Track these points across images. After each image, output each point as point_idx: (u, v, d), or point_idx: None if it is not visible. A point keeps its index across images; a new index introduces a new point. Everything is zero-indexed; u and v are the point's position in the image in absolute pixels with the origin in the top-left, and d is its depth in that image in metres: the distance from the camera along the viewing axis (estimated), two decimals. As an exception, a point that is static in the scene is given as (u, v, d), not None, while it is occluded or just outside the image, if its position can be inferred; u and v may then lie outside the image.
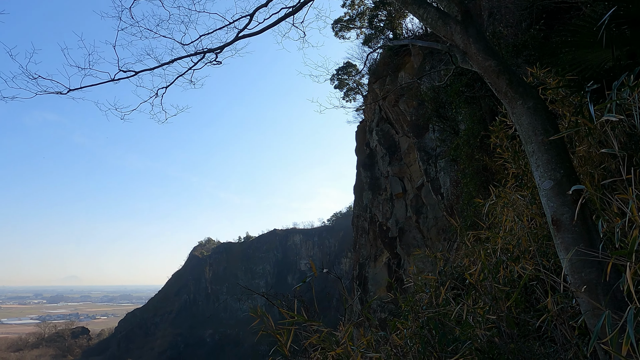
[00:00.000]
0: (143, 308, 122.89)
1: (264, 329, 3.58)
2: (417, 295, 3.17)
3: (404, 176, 29.54)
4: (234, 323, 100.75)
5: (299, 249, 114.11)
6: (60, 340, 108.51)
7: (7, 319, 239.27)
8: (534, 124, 2.83)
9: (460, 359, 2.26)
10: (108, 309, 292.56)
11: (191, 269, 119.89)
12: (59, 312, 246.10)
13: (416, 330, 2.77)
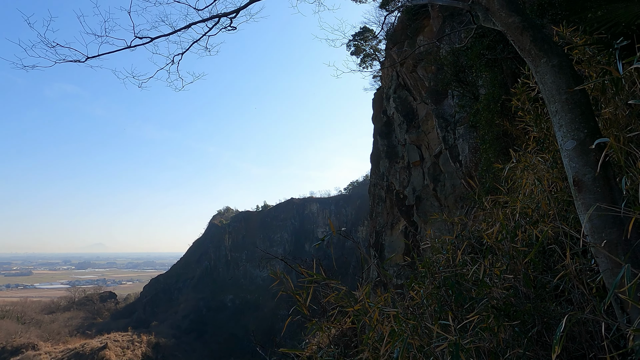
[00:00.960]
0: (166, 274, 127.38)
1: (283, 290, 3.68)
2: (434, 257, 3.20)
3: (422, 144, 29.16)
4: (253, 289, 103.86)
5: (316, 218, 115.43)
6: (90, 304, 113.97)
7: (39, 283, 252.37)
8: (558, 82, 2.74)
9: (476, 317, 2.30)
10: (133, 275, 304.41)
11: (211, 237, 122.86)
12: (87, 278, 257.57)
13: (432, 290, 2.82)
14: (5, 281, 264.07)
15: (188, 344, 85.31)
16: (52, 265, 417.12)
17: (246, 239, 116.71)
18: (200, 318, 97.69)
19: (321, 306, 3.70)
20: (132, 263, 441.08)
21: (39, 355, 62.66)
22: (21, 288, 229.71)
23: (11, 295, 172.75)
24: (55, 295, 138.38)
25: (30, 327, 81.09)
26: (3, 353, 64.63)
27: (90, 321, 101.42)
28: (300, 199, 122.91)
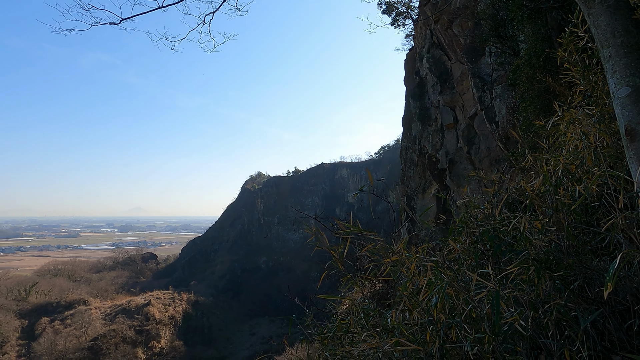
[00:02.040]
0: (202, 237, 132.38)
1: (318, 246, 3.73)
2: (471, 212, 3.14)
3: (456, 105, 28.19)
4: (285, 251, 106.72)
5: (346, 182, 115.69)
6: (133, 264, 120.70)
7: (86, 244, 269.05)
8: (613, 24, 2.53)
9: (515, 268, 2.27)
10: (171, 237, 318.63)
11: (244, 202, 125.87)
12: (129, 240, 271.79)
13: (469, 245, 2.79)
14: (55, 242, 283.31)
15: (225, 302, 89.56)
16: (97, 227, 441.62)
17: (278, 204, 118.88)
18: (236, 278, 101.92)
19: (356, 261, 3.75)
20: (170, 226, 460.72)
21: (90, 310, 67.60)
22: (70, 249, 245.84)
23: (61, 255, 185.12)
24: (101, 255, 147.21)
25: (81, 285, 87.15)
26: (58, 307, 70.10)
27: (134, 280, 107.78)
28: (331, 164, 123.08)
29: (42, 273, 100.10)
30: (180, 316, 69.33)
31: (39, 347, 54.74)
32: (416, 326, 2.33)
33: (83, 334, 56.86)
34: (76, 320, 63.12)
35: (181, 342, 64.18)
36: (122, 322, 61.12)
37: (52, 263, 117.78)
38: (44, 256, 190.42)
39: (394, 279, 2.87)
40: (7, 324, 62.73)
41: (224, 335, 74.40)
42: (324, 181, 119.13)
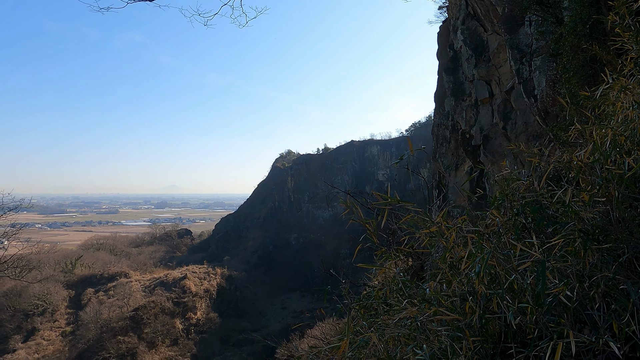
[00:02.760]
0: (235, 214, 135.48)
1: (353, 219, 3.73)
2: (511, 185, 3.04)
3: (492, 79, 27.11)
4: (315, 228, 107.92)
5: (376, 160, 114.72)
6: (169, 239, 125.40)
7: (125, 220, 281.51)
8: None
9: (561, 240, 2.20)
10: (205, 214, 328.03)
11: (275, 179, 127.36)
12: (165, 216, 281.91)
13: (510, 218, 2.71)
14: (97, 218, 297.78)
15: (257, 277, 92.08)
16: (135, 204, 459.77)
17: (308, 181, 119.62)
18: (267, 254, 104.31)
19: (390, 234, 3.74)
20: (204, 203, 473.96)
21: (130, 282, 71.16)
22: (110, 224, 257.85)
23: (103, 230, 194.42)
24: (139, 231, 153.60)
25: (121, 258, 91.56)
26: (101, 279, 74.16)
27: (170, 254, 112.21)
28: (360, 142, 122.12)
29: (86, 247, 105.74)
30: (214, 289, 71.92)
31: (85, 316, 58.35)
32: (455, 297, 2.32)
33: (125, 304, 60.07)
34: (118, 291, 66.67)
35: (216, 314, 66.77)
36: (160, 294, 64.08)
37: (94, 238, 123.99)
38: (87, 231, 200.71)
39: (431, 251, 2.84)
40: (57, 293, 67.04)
41: (257, 309, 76.81)
42: (354, 159, 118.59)
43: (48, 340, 57.92)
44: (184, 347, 58.20)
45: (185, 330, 61.29)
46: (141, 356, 52.75)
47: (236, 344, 61.90)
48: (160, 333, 57.56)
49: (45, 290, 65.03)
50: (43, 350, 54.78)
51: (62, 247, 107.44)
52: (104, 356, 50.50)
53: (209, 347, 59.74)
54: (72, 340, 56.27)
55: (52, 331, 60.67)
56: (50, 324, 62.51)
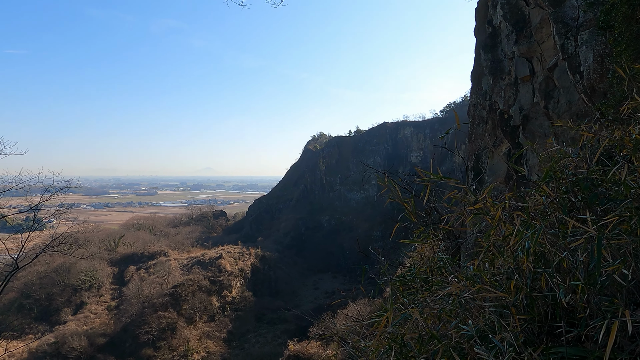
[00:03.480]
0: (268, 196, 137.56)
1: (391, 197, 3.70)
2: (560, 162, 2.91)
3: (533, 56, 25.87)
4: (347, 211, 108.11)
5: (409, 142, 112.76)
6: (205, 220, 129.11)
7: (163, 202, 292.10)
8: None
9: (615, 218, 2.10)
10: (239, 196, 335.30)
11: (307, 162, 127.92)
12: (201, 198, 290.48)
13: (558, 196, 2.61)
14: (137, 199, 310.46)
15: (290, 257, 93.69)
16: (172, 186, 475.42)
17: (340, 164, 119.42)
18: (300, 236, 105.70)
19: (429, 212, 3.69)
20: (238, 185, 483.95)
21: (169, 260, 74.16)
22: (149, 205, 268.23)
23: (142, 211, 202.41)
24: (176, 212, 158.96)
25: (160, 238, 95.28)
26: (142, 257, 77.65)
27: (206, 235, 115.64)
28: (393, 123, 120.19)
29: (127, 227, 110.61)
30: (249, 269, 73.85)
31: (128, 292, 61.48)
32: (500, 275, 2.28)
33: (164, 281, 62.75)
34: (158, 269, 69.66)
35: (250, 293, 68.73)
36: (197, 273, 66.46)
37: (135, 218, 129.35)
38: (128, 212, 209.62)
39: (472, 230, 2.79)
40: (102, 270, 70.86)
41: (290, 289, 78.41)
42: (386, 141, 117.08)
43: (95, 314, 61.56)
44: (220, 324, 60.43)
45: (222, 308, 63.52)
46: (180, 331, 55.22)
47: (270, 321, 63.66)
48: (198, 309, 59.95)
49: (92, 267, 68.87)
50: (91, 322, 58.32)
51: (106, 226, 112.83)
52: (146, 330, 53.20)
53: (244, 324, 61.77)
54: (116, 314, 59.56)
55: (98, 305, 64.39)
56: (97, 298, 66.31)
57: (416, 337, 2.32)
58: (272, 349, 52.32)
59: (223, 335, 58.13)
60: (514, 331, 1.89)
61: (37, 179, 10.13)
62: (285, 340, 51.29)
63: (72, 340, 50.16)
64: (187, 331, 55.97)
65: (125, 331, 54.06)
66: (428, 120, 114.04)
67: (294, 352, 42.18)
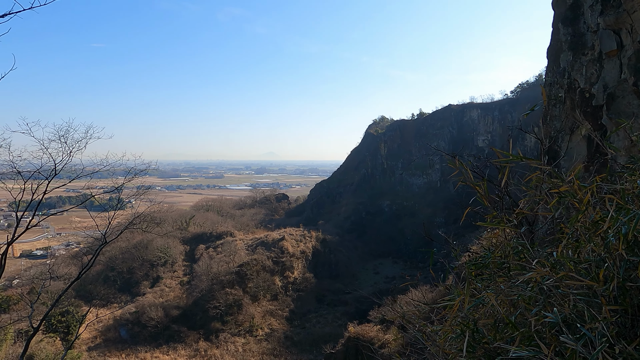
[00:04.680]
0: (328, 180, 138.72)
1: (462, 180, 3.57)
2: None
3: (622, 27, 23.38)
4: (409, 196, 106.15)
5: (476, 125, 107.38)
6: (268, 203, 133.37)
7: (229, 184, 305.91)
8: None
9: None
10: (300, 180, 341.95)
11: (367, 146, 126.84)
12: (264, 181, 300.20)
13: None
14: (205, 182, 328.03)
15: (350, 241, 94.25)
16: (237, 170, 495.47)
17: (401, 148, 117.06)
18: (360, 220, 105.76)
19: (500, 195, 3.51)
20: (299, 169, 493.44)
21: (235, 240, 77.77)
22: (216, 188, 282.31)
23: (210, 193, 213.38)
24: (241, 194, 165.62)
25: (227, 219, 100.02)
26: (211, 237, 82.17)
27: (269, 217, 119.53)
28: (459, 105, 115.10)
29: (197, 208, 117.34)
30: (310, 251, 75.44)
31: (198, 269, 65.54)
32: (586, 262, 2.12)
33: (231, 260, 66.02)
34: (225, 248, 73.38)
35: (311, 275, 70.31)
36: (261, 253, 69.11)
37: (204, 200, 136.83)
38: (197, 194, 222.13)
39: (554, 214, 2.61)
40: (175, 248, 76.08)
41: (350, 272, 79.11)
42: (451, 124, 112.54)
43: (169, 288, 66.47)
44: (282, 303, 62.68)
45: (284, 288, 65.73)
46: (246, 307, 58.06)
47: (330, 303, 64.85)
48: (261, 288, 62.55)
49: (166, 244, 74.18)
50: (166, 295, 63.09)
51: (178, 207, 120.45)
52: (214, 304, 56.57)
53: (305, 304, 63.54)
54: (188, 289, 63.86)
55: (172, 280, 69.40)
56: (171, 273, 71.46)
57: (491, 323, 2.25)
58: (332, 329, 53.39)
59: (285, 314, 60.25)
60: (606, 321, 1.77)
61: (121, 162, 11.08)
62: (345, 322, 52.06)
63: (150, 311, 54.68)
64: (252, 308, 58.73)
65: (196, 305, 57.86)
66: (497, 101, 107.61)
67: (354, 334, 42.70)
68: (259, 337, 53.95)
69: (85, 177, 10.57)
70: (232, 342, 51.83)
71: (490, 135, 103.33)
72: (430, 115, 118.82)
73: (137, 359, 47.82)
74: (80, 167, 10.53)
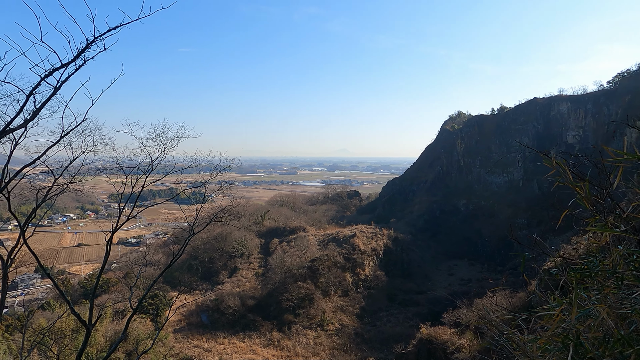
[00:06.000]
0: (401, 177, 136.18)
1: (560, 181, 3.31)
2: None
3: None
4: (487, 195, 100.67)
5: (565, 120, 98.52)
6: (340, 200, 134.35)
7: (302, 181, 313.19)
8: None
9: None
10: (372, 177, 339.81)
11: (443, 143, 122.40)
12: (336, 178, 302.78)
13: None
14: (279, 178, 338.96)
15: (423, 240, 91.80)
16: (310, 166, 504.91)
17: (480, 145, 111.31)
18: (434, 219, 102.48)
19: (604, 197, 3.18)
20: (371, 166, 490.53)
21: (307, 236, 79.45)
22: (290, 184, 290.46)
23: (284, 189, 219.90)
24: (314, 191, 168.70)
25: (300, 215, 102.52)
26: (284, 231, 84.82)
27: (341, 213, 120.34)
28: (545, 99, 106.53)
29: (272, 203, 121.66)
30: (381, 249, 74.68)
31: (272, 261, 67.96)
32: None
33: (303, 255, 67.56)
34: (298, 243, 75.26)
35: (383, 273, 69.60)
36: (333, 249, 69.83)
37: (278, 195, 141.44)
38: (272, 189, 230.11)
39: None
40: (251, 240, 79.68)
41: (422, 272, 77.08)
42: (536, 119, 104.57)
43: (246, 278, 69.79)
44: (353, 299, 62.85)
45: (355, 284, 65.85)
46: (317, 302, 59.12)
47: (402, 302, 63.76)
48: (333, 284, 63.26)
49: (243, 237, 77.96)
50: (242, 285, 66.33)
51: (254, 202, 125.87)
52: (287, 297, 58.35)
53: (375, 302, 63.12)
54: (262, 281, 66.53)
55: (248, 271, 72.79)
56: (247, 265, 74.98)
57: (599, 337, 2.06)
58: (403, 329, 52.48)
59: (356, 311, 60.36)
60: None
61: (207, 159, 11.90)
62: (416, 323, 50.91)
63: (228, 299, 57.86)
64: (323, 303, 59.66)
65: (270, 296, 60.11)
66: (590, 93, 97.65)
67: (426, 336, 41.62)
68: (329, 332, 54.67)
69: (176, 172, 11.53)
70: (303, 335, 53.11)
71: (582, 131, 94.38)
72: (512, 109, 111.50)
73: (217, 343, 50.85)
74: (172, 163, 11.50)
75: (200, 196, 14.81)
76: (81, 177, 10.84)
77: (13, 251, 8.96)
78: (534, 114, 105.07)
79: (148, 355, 41.05)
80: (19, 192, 10.29)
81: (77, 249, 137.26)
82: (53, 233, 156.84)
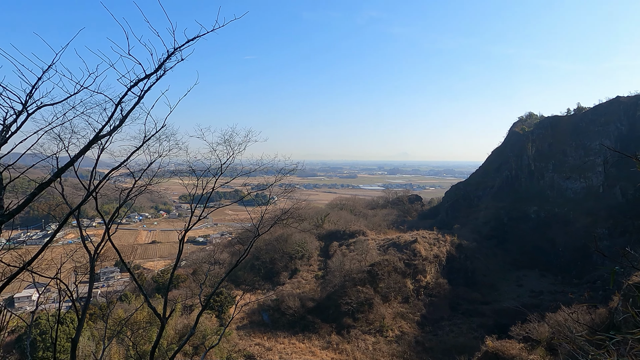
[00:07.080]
0: (465, 182, 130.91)
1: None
2: None
3: None
4: (561, 202, 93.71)
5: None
6: (400, 204, 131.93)
7: (362, 184, 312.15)
8: None
9: None
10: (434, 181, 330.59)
11: (511, 146, 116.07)
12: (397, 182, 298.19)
13: None
14: (340, 182, 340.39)
15: (488, 248, 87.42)
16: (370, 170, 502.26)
17: (553, 147, 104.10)
18: (501, 226, 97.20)
19: None
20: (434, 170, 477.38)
21: (367, 240, 78.87)
22: (350, 187, 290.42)
23: (344, 192, 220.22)
24: (374, 195, 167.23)
25: (359, 219, 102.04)
26: (344, 235, 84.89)
27: (402, 218, 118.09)
28: (631, 97, 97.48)
29: (331, 206, 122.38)
30: (444, 256, 72.21)
31: (332, 265, 68.28)
32: None
33: (363, 259, 67.12)
34: (357, 247, 74.95)
35: (445, 280, 67.24)
36: (393, 254, 68.69)
37: (338, 199, 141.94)
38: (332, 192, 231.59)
39: None
40: (311, 243, 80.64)
41: (488, 282, 73.42)
42: (619, 119, 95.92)
43: (305, 280, 70.72)
44: (414, 306, 61.33)
45: (416, 291, 64.24)
46: (377, 307, 58.42)
47: (465, 312, 61.17)
48: (392, 289, 62.19)
49: (303, 239, 79.12)
50: (302, 287, 67.29)
51: (314, 205, 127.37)
52: (346, 301, 58.25)
53: (437, 311, 61.10)
54: (322, 283, 67.00)
55: (308, 273, 73.71)
56: (307, 267, 75.95)
57: None
58: (467, 341, 50.29)
59: (417, 318, 58.86)
60: None
61: (272, 162, 12.32)
62: (481, 335, 48.54)
63: (289, 300, 58.96)
64: (382, 308, 58.84)
65: (329, 299, 60.35)
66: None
67: (492, 349, 39.57)
68: (389, 338, 53.77)
69: (243, 175, 12.03)
70: (362, 340, 52.71)
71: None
72: (591, 109, 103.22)
73: (277, 343, 51.98)
74: (239, 167, 12.02)
75: (263, 198, 15.28)
76: (158, 179, 11.65)
77: (99, 247, 9.84)
78: (616, 114, 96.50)
79: (213, 350, 42.92)
80: (103, 192, 11.29)
81: (151, 245, 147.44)
82: (130, 230, 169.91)
